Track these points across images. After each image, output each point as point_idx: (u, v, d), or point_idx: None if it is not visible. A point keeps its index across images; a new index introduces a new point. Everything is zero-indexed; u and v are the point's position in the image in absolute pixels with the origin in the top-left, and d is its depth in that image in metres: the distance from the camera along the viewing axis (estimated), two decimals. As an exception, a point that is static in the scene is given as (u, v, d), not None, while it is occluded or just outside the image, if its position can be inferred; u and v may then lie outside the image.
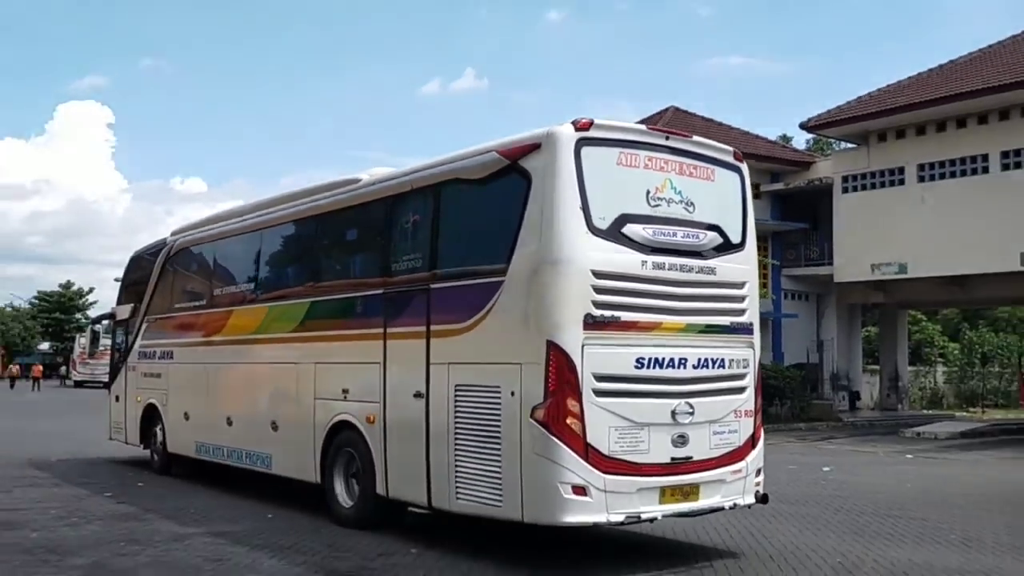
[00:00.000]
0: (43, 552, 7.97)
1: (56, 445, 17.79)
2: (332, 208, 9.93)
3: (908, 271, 27.16)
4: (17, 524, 9.28)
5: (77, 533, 8.85)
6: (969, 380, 37.25)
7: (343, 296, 9.64)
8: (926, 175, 27.06)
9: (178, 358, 12.84)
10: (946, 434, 24.01)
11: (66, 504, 10.58)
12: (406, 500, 8.63)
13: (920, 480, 14.00)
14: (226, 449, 11.43)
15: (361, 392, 9.13)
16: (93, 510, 10.21)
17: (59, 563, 7.57)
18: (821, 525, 9.52)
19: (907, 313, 37.32)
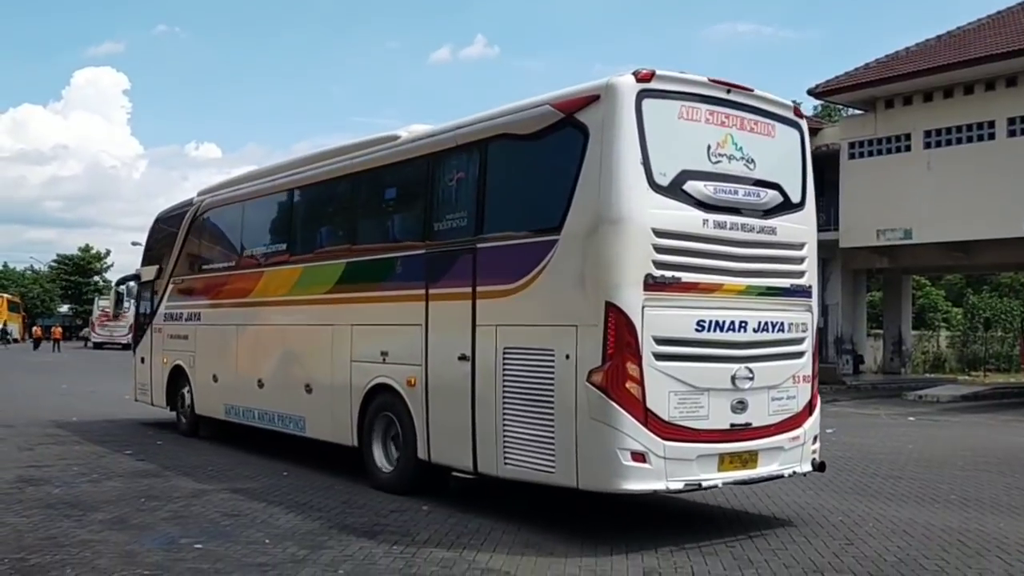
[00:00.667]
0: (65, 507, 7.88)
1: (76, 404, 17.56)
2: (370, 166, 9.28)
3: (913, 237, 26.50)
4: (40, 480, 9.22)
5: (98, 489, 8.78)
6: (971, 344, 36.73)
7: (381, 257, 9.03)
8: (932, 141, 26.28)
9: (206, 320, 12.24)
10: (948, 397, 23.57)
11: (87, 461, 10.48)
12: (450, 465, 8.10)
13: (921, 442, 13.65)
14: (257, 412, 10.86)
15: (401, 355, 8.55)
16: (113, 467, 10.12)
17: (81, 518, 7.48)
18: (823, 485, 9.12)
19: (911, 278, 36.74)
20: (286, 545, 6.62)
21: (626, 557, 6.47)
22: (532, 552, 6.56)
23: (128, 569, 5.96)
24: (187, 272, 12.92)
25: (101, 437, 12.73)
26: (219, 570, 5.99)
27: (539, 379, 7.10)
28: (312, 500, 8.36)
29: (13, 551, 6.37)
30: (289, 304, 10.31)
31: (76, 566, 6.02)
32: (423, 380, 8.24)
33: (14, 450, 11.42)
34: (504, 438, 7.36)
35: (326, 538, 6.87)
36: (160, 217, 14.38)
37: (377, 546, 6.63)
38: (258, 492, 8.72)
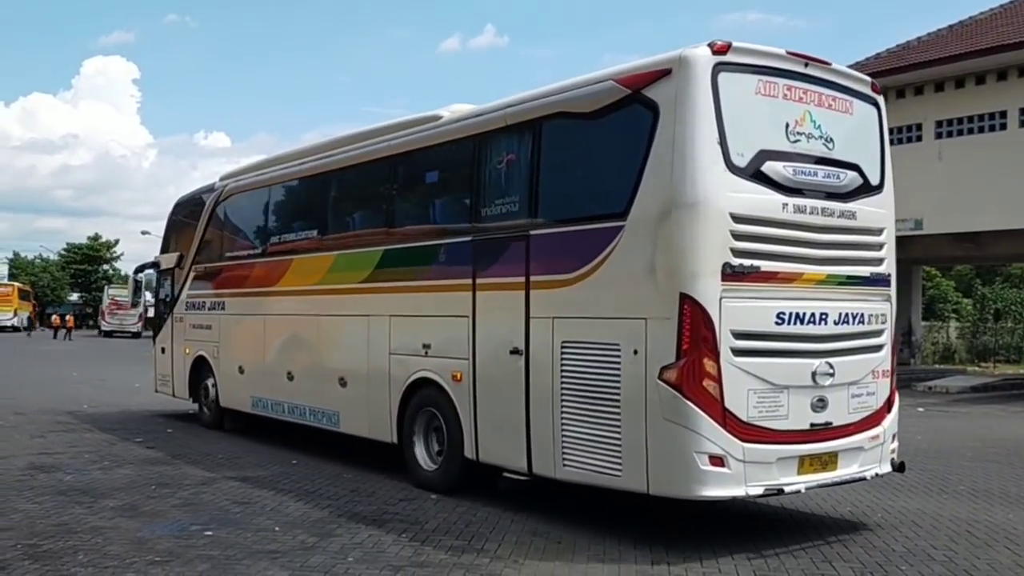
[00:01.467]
0: (77, 494, 7.75)
1: (87, 392, 17.26)
2: (410, 148, 8.55)
3: (923, 227, 25.75)
4: (51, 467, 9.07)
5: (109, 476, 8.65)
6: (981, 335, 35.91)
7: (422, 244, 8.31)
8: (943, 132, 25.51)
9: (231, 309, 11.49)
10: (957, 388, 22.95)
11: (98, 449, 10.32)
12: (500, 465, 7.42)
13: (930, 433, 13.24)
14: (286, 405, 10.16)
15: (445, 348, 7.86)
16: (124, 455, 9.95)
17: (92, 504, 7.35)
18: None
19: (921, 269, 35.99)
20: (296, 532, 6.49)
21: (634, 546, 6.23)
22: (540, 540, 6.39)
23: (139, 556, 5.83)
24: (209, 259, 12.15)
25: (112, 425, 12.49)
26: (229, 557, 5.85)
27: (603, 376, 6.43)
28: (321, 488, 8.14)
29: (25, 537, 6.25)
30: (321, 293, 9.59)
31: (88, 552, 5.90)
32: (470, 375, 7.55)
33: (25, 437, 11.19)
34: (563, 438, 6.69)
35: (335, 526, 6.72)
36: (180, 202, 13.57)
37: (386, 534, 6.47)
38: (268, 480, 8.51)
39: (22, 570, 5.53)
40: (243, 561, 5.75)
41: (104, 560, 5.73)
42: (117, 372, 22.96)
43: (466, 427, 7.60)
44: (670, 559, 5.95)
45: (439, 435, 8.08)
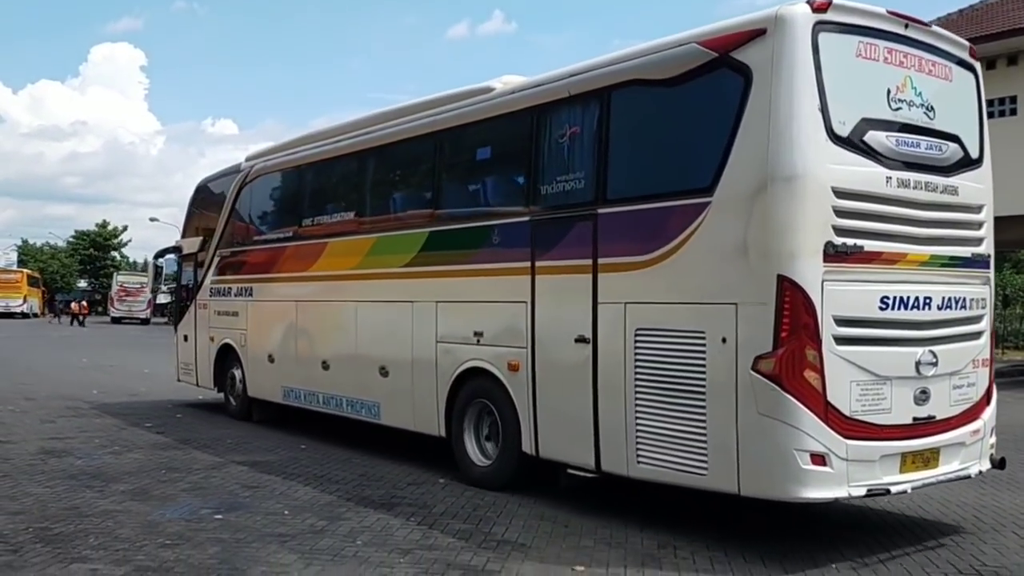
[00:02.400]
0: (87, 478, 7.64)
1: (96, 378, 16.97)
2: (459, 123, 7.82)
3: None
4: (62, 452, 8.93)
5: (119, 460, 8.53)
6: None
7: (473, 225, 7.61)
8: (956, 116, 24.73)
9: (259, 295, 10.74)
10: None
11: (107, 434, 10.16)
12: (563, 461, 6.73)
13: None
14: (321, 396, 9.44)
15: (500, 336, 7.18)
16: (134, 440, 9.79)
17: (103, 488, 7.25)
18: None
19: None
20: (305, 516, 6.39)
21: (640, 529, 6.07)
22: (547, 524, 6.24)
23: (149, 539, 5.75)
24: (236, 243, 11.38)
25: (121, 410, 12.29)
26: (239, 540, 5.75)
27: (685, 366, 5.77)
28: (330, 472, 7.98)
29: (37, 520, 6.18)
30: (359, 278, 8.87)
31: (98, 535, 5.82)
32: (528, 364, 6.86)
33: (36, 422, 11.00)
34: (637, 433, 6.03)
35: (344, 509, 6.61)
36: (203, 185, 12.76)
37: (394, 518, 6.37)
38: (277, 464, 8.35)
39: (34, 553, 5.41)
40: (252, 544, 5.64)
41: (115, 543, 5.62)
42: (126, 358, 22.60)
43: (524, 420, 6.92)
44: (676, 543, 5.74)
45: (492, 428, 7.41)
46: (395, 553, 5.47)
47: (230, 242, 11.45)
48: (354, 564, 5.27)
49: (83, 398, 13.59)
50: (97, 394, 14.14)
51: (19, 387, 15.06)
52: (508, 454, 7.12)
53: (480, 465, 7.45)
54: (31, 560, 5.26)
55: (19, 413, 11.86)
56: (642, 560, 5.44)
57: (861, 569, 5.34)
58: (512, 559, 5.41)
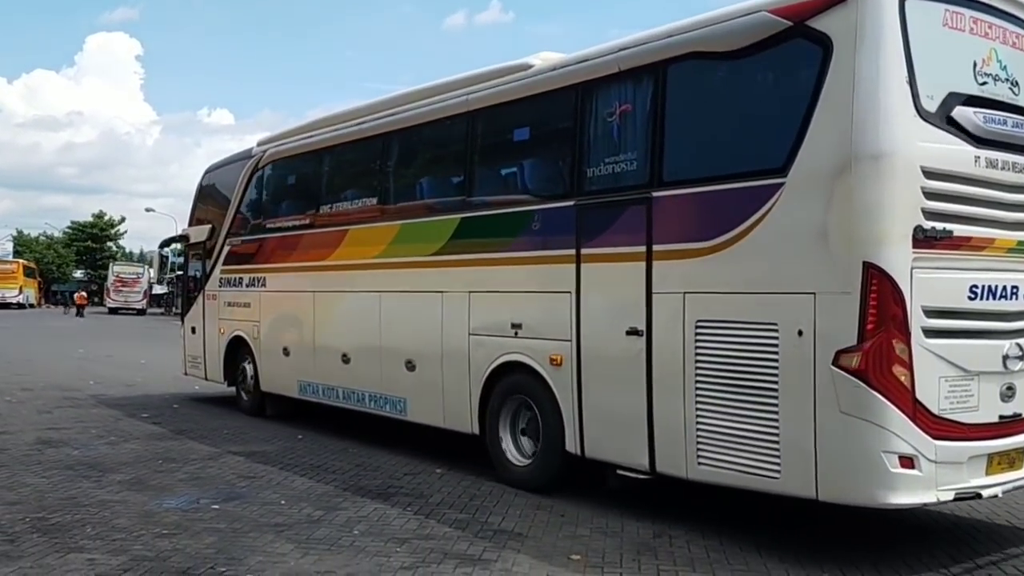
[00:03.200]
0: (84, 468, 7.49)
1: (93, 368, 16.67)
2: (493, 102, 7.24)
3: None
4: (59, 442, 8.74)
5: (116, 451, 8.35)
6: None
7: (510, 211, 7.05)
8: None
9: (273, 285, 10.14)
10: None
11: (105, 424, 9.96)
12: (611, 461, 6.20)
13: None
14: (341, 390, 8.86)
15: (541, 327, 6.63)
16: (130, 430, 9.58)
17: (100, 478, 7.10)
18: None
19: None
20: (301, 506, 6.27)
21: (636, 519, 5.95)
22: (544, 513, 6.11)
23: (146, 528, 5.64)
24: (247, 231, 10.74)
25: (118, 400, 12.04)
26: (236, 530, 5.64)
27: (754, 360, 5.24)
28: (327, 463, 7.83)
29: (34, 511, 6.06)
30: (382, 267, 8.29)
31: (96, 525, 5.71)
32: (573, 358, 6.33)
33: (33, 413, 10.78)
34: (698, 433, 5.52)
35: (341, 499, 6.49)
36: (211, 171, 12.07)
37: (391, 507, 6.26)
38: (273, 455, 8.17)
39: (31, 543, 5.29)
40: (249, 534, 5.53)
41: (112, 533, 5.52)
42: (123, 348, 22.24)
43: (567, 418, 6.38)
44: (672, 532, 5.63)
45: (531, 425, 6.88)
46: (392, 543, 5.35)
47: (241, 230, 10.82)
48: (350, 553, 5.14)
49: (80, 388, 13.33)
50: (94, 384, 13.87)
51: (16, 377, 14.71)
52: (550, 453, 6.59)
53: (519, 465, 6.92)
54: (28, 550, 5.13)
55: (16, 403, 11.57)
56: (638, 549, 5.30)
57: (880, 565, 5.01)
58: (508, 548, 5.28)
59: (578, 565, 5.00)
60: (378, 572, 4.84)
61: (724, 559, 5.14)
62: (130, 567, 4.85)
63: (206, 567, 4.87)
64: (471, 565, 4.95)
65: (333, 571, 4.85)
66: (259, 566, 4.90)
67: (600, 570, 4.95)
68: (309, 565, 4.92)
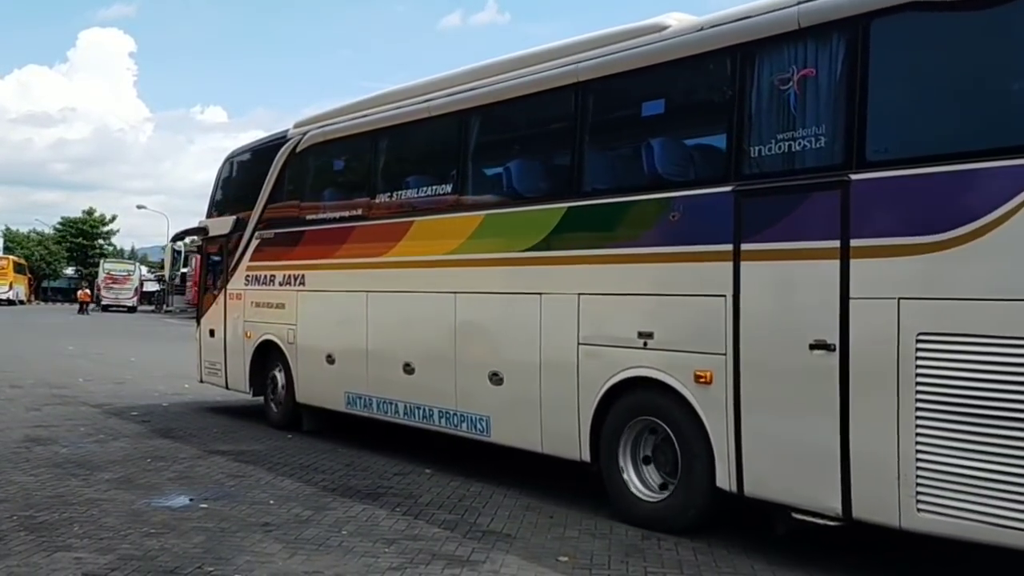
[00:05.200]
0: (72, 467, 7.12)
1: (83, 366, 15.75)
2: (617, 70, 5.75)
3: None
4: (47, 440, 8.30)
5: (104, 449, 7.93)
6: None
7: (638, 198, 5.59)
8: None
9: (314, 283, 8.53)
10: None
11: (94, 422, 9.44)
12: (783, 502, 4.78)
13: None
14: (403, 405, 7.33)
15: (681, 338, 5.22)
16: (119, 428, 9.09)
17: (88, 477, 6.76)
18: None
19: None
20: (290, 506, 5.96)
21: (625, 521, 5.52)
22: (532, 514, 5.82)
23: (134, 527, 5.34)
24: (282, 223, 9.08)
25: (107, 398, 11.37)
26: (224, 529, 5.36)
27: (1010, 385, 3.84)
28: (316, 462, 7.44)
29: (22, 509, 5.76)
30: (459, 264, 6.78)
31: (83, 524, 5.42)
32: (728, 376, 4.94)
33: (21, 410, 10.21)
34: (919, 472, 4.15)
35: (330, 499, 6.19)
36: (235, 156, 10.36)
37: (380, 508, 5.96)
38: (263, 454, 7.78)
39: (18, 541, 5.02)
40: (237, 534, 5.25)
41: (100, 532, 5.23)
42: (113, 346, 21.18)
43: (719, 447, 4.98)
44: (659, 534, 5.28)
45: (661, 454, 5.46)
46: (380, 543, 5.10)
47: (274, 222, 9.16)
48: (339, 554, 4.89)
49: (69, 386, 12.60)
50: (83, 382, 13.11)
51: (4, 375, 13.75)
52: (693, 489, 5.17)
53: (647, 500, 5.48)
54: (15, 548, 4.86)
55: (4, 401, 10.89)
56: (626, 551, 5.04)
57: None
58: (497, 549, 5.01)
59: (566, 567, 4.73)
60: (366, 573, 4.57)
61: (712, 561, 4.85)
62: (117, 566, 4.56)
63: (194, 566, 4.59)
64: (459, 566, 4.69)
65: (321, 571, 4.58)
66: (247, 566, 4.62)
67: (588, 572, 4.67)
68: (297, 565, 4.66)
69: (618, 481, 5.58)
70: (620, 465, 5.56)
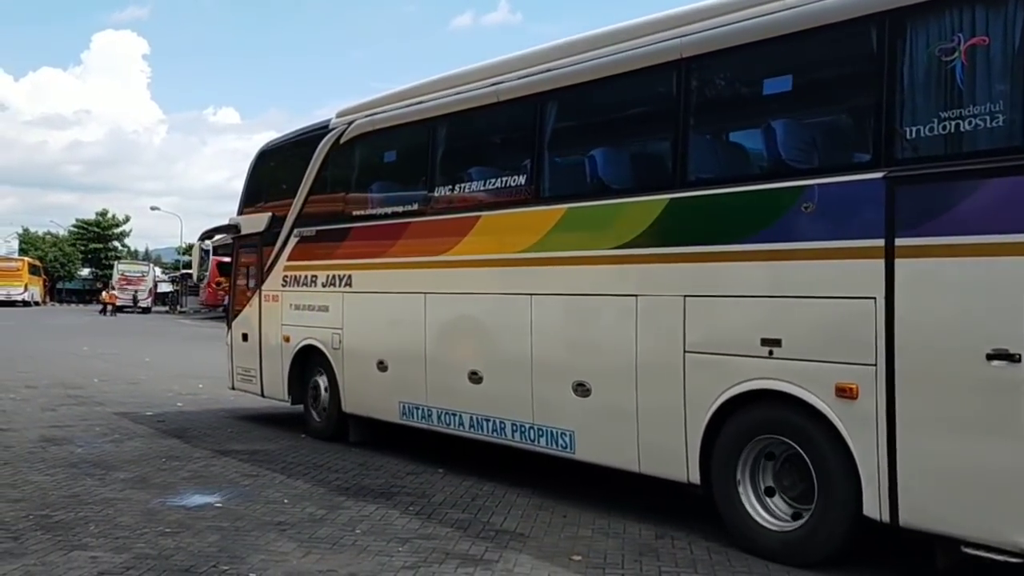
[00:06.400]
0: (88, 466, 6.98)
1: (98, 366, 15.40)
2: (730, 44, 4.93)
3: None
4: (63, 440, 8.17)
5: (119, 449, 7.79)
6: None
7: (760, 187, 4.79)
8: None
9: (363, 284, 7.70)
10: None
11: (108, 422, 9.26)
12: (951, 535, 4.00)
13: None
14: (468, 417, 6.55)
15: (819, 345, 4.44)
16: (134, 428, 8.93)
17: (103, 476, 6.61)
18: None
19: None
20: (304, 505, 5.82)
21: (638, 520, 5.43)
22: (545, 514, 5.65)
23: (149, 527, 5.17)
24: (324, 220, 8.24)
25: (122, 398, 11.18)
26: (239, 528, 5.18)
27: None
28: (329, 462, 7.26)
29: (38, 508, 5.61)
30: (536, 263, 5.98)
31: (99, 523, 5.25)
32: (879, 390, 4.17)
33: (37, 410, 10.05)
34: None
35: (343, 498, 6.05)
36: (270, 149, 9.49)
37: (393, 507, 5.82)
38: (276, 453, 7.63)
39: (35, 540, 4.91)
40: (252, 533, 5.14)
41: (115, 531, 5.13)
42: (127, 346, 20.87)
43: (866, 470, 4.23)
44: (674, 533, 5.17)
45: (785, 477, 4.71)
46: (394, 542, 4.99)
47: (315, 218, 8.33)
48: (353, 553, 4.78)
49: (84, 386, 12.40)
50: (98, 382, 12.91)
51: (20, 375, 13.64)
52: (832, 518, 4.40)
53: (773, 529, 4.69)
54: (32, 547, 4.78)
55: (20, 401, 10.76)
56: (640, 550, 4.89)
57: None
58: (510, 548, 4.89)
59: (579, 566, 4.62)
60: (380, 572, 4.47)
61: (726, 560, 4.69)
62: (133, 565, 4.48)
63: (208, 565, 4.49)
64: (473, 565, 4.57)
65: (335, 570, 4.47)
66: (261, 565, 4.52)
67: (602, 571, 4.54)
68: (311, 564, 4.56)
69: (737, 508, 4.79)
70: (738, 490, 4.78)
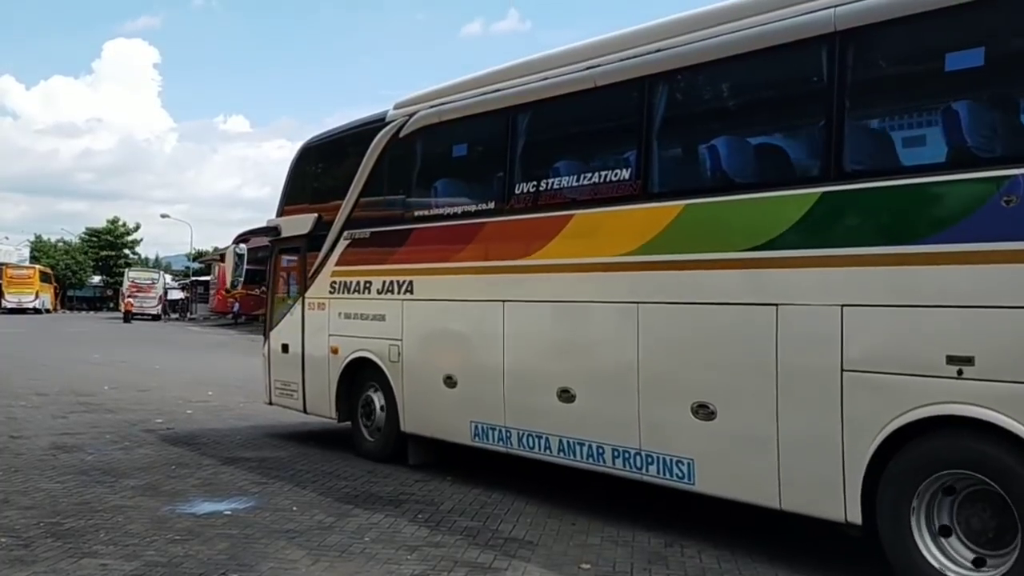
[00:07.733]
0: (98, 473, 6.84)
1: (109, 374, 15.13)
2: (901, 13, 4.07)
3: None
4: (73, 447, 8.09)
5: (129, 456, 7.68)
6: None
7: (944, 179, 3.94)
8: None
9: (427, 291, 6.85)
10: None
11: (118, 429, 9.18)
12: None
13: None
14: (557, 440, 5.69)
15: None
16: (144, 436, 8.84)
17: (113, 484, 6.47)
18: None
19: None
20: (313, 512, 5.66)
21: (647, 529, 5.25)
22: (554, 522, 5.48)
23: (159, 534, 5.09)
24: (380, 221, 7.38)
25: (132, 406, 11.07)
26: (248, 536, 5.08)
27: None
28: (339, 469, 7.16)
29: (48, 515, 5.53)
30: (644, 267, 5.12)
31: (109, 530, 5.17)
32: None
33: (48, 418, 9.98)
34: None
35: (352, 506, 5.86)
36: (315, 144, 8.60)
37: (402, 514, 5.64)
38: (286, 461, 7.55)
39: (45, 547, 4.80)
40: (261, 540, 4.99)
41: (125, 538, 4.99)
42: (138, 354, 20.51)
43: None
44: (683, 542, 4.98)
45: (969, 521, 3.89)
46: (403, 550, 4.85)
47: (369, 220, 7.47)
48: (362, 560, 4.66)
49: (94, 393, 12.27)
50: (108, 390, 12.74)
51: (31, 382, 13.49)
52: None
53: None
54: (42, 555, 4.66)
55: (31, 408, 10.69)
56: (649, 559, 4.78)
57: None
58: (519, 557, 4.77)
59: (588, 574, 4.55)
60: None
61: (736, 569, 4.61)
62: (143, 572, 4.41)
63: (218, 573, 4.42)
64: (481, 573, 4.51)
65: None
66: (271, 572, 4.47)
67: None
68: (320, 572, 4.50)
69: (912, 553, 3.94)
70: (912, 533, 3.93)
